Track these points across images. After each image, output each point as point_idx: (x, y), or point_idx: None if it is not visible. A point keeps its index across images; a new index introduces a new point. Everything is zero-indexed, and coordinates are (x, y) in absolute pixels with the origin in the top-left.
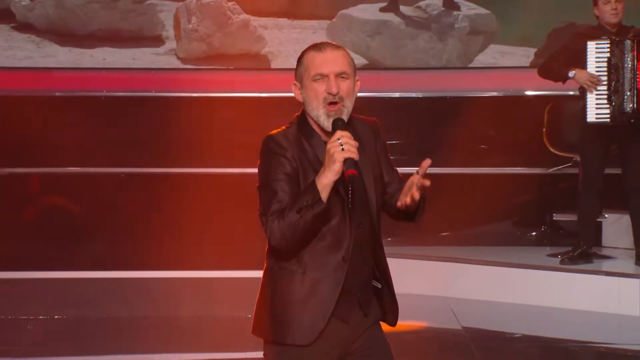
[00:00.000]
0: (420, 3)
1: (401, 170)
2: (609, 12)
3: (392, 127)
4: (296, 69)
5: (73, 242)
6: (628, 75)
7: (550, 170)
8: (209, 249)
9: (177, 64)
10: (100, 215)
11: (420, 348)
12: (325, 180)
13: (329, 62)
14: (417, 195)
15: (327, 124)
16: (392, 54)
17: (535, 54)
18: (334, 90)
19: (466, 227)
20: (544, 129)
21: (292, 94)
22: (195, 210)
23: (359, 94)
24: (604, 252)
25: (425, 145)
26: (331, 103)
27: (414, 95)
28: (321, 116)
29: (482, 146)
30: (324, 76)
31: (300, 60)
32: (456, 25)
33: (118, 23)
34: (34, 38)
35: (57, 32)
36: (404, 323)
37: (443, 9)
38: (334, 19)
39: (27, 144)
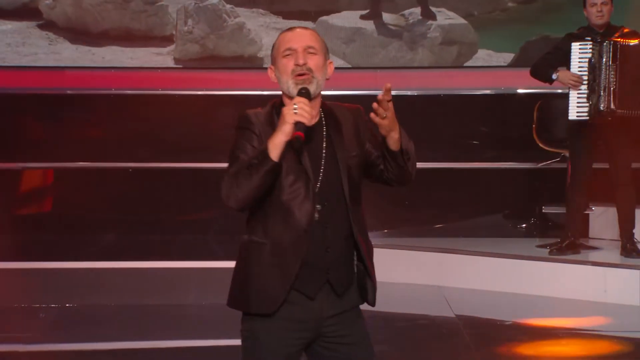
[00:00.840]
0: (405, 11)
1: None
2: (595, 14)
3: None
4: (271, 54)
5: (83, 233)
6: (603, 75)
7: (540, 165)
8: (213, 240)
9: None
10: (109, 208)
11: (415, 335)
12: (276, 140)
13: (297, 37)
14: (381, 111)
15: (295, 93)
16: (365, 61)
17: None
18: (301, 61)
19: (459, 219)
20: (533, 126)
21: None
22: (199, 203)
23: (358, 92)
24: (591, 243)
25: (420, 140)
26: (299, 74)
27: (409, 93)
28: (290, 87)
29: (475, 142)
30: (293, 50)
31: (273, 45)
32: (428, 35)
33: (129, 23)
34: (50, 35)
35: (73, 31)
36: (400, 311)
37: (420, 17)
38: (314, 25)
39: (40, 140)
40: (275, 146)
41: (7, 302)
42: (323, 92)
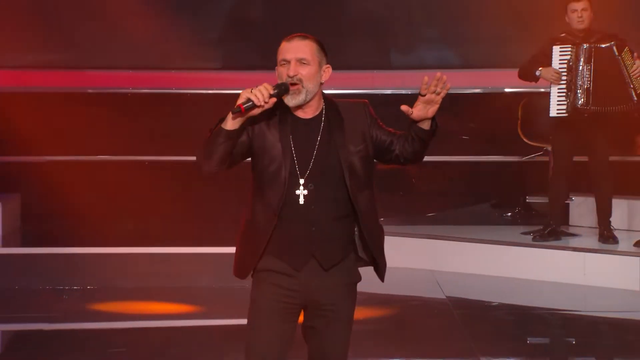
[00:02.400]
0: None
1: None
2: (576, 20)
3: (385, 120)
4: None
5: (103, 221)
6: (580, 75)
7: (524, 158)
8: (223, 227)
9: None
10: (127, 197)
11: (408, 314)
12: (231, 112)
13: (292, 49)
14: (439, 87)
15: (287, 100)
16: None
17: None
18: (291, 73)
19: (450, 208)
20: (518, 122)
21: None
22: (212, 194)
23: (366, 91)
24: (571, 230)
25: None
26: (292, 84)
27: (403, 92)
28: (287, 96)
29: (465, 137)
30: (287, 61)
31: (278, 50)
32: None
33: None
34: None
35: None
36: (395, 293)
37: None
38: None
39: (63, 135)
40: (230, 117)
41: (34, 285)
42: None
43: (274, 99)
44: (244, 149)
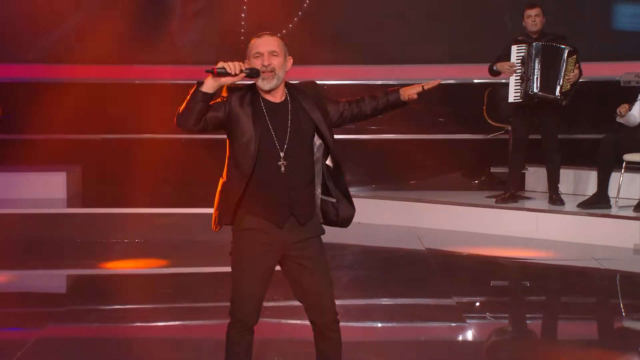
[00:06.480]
0: None
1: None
2: (530, 23)
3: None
4: (247, 53)
5: (149, 185)
6: (531, 68)
7: (489, 136)
8: None
9: None
10: (166, 166)
11: (393, 263)
12: (205, 71)
13: (264, 44)
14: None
15: (261, 85)
16: None
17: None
18: (266, 63)
19: (429, 176)
20: (484, 107)
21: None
22: None
23: (360, 82)
24: (527, 194)
25: (400, 118)
26: (265, 72)
27: (392, 82)
28: (258, 82)
29: (441, 119)
30: (260, 54)
31: (248, 46)
32: None
33: None
34: None
35: None
36: (382, 245)
37: None
38: None
39: (114, 117)
40: (207, 81)
41: (92, 238)
42: None
43: (243, 75)
44: (216, 123)
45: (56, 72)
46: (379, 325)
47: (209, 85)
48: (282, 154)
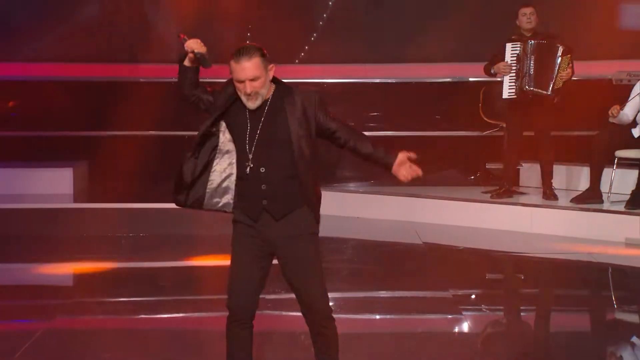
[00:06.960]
0: None
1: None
2: (525, 22)
3: (375, 104)
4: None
5: (154, 181)
6: (526, 65)
7: (484, 133)
8: None
9: None
10: (172, 162)
11: (392, 256)
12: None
13: (243, 72)
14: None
15: (247, 105)
16: None
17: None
18: (248, 91)
19: (426, 173)
20: (480, 104)
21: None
22: None
23: (359, 80)
24: (521, 190)
25: (399, 115)
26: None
27: (393, 80)
28: (244, 100)
29: (437, 116)
30: (241, 82)
31: (230, 62)
32: None
33: None
34: None
35: None
36: (382, 239)
37: None
38: None
39: (122, 114)
40: (186, 57)
41: (98, 232)
42: None
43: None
44: (207, 105)
45: (65, 70)
46: (377, 317)
47: (186, 60)
48: (252, 150)
